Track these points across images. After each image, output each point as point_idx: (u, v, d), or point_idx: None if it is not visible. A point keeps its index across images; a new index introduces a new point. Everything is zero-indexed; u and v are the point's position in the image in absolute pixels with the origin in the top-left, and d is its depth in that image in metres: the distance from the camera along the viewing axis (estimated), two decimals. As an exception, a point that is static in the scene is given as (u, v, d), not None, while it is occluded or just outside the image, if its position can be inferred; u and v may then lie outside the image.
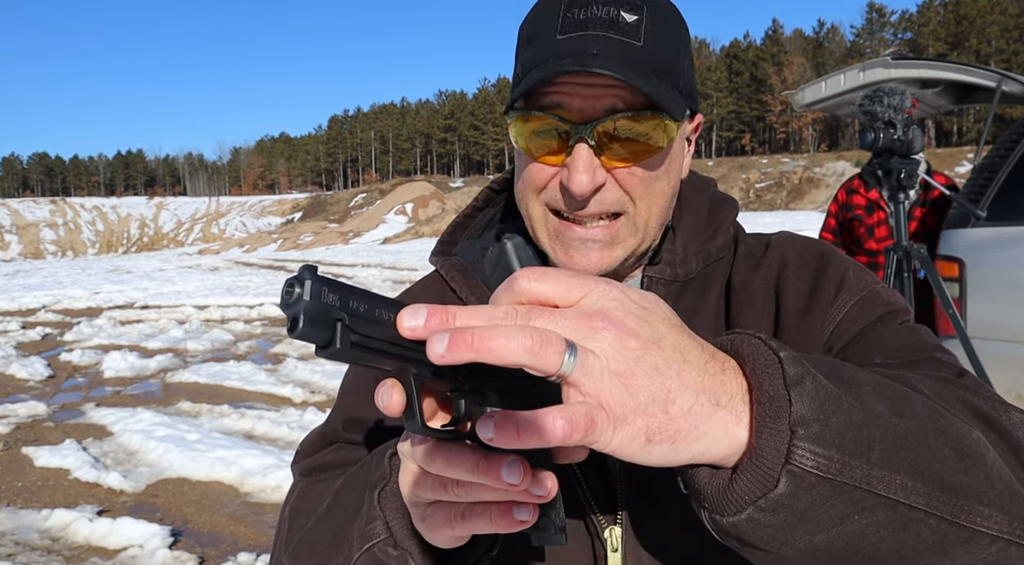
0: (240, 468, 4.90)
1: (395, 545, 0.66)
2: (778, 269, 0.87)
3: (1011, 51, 78.43)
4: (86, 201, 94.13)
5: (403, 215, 56.79)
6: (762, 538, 0.52)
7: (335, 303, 0.48)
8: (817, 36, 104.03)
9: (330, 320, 0.48)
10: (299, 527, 0.81)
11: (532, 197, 0.82)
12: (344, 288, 0.49)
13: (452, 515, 0.58)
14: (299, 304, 0.46)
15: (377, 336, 0.50)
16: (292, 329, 0.47)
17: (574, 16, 0.76)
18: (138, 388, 7.62)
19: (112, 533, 4.03)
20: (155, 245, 72.76)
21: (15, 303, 14.75)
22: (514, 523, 0.54)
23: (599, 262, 0.80)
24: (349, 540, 0.69)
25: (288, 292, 0.47)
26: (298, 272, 0.48)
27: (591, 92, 0.75)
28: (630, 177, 0.78)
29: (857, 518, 0.51)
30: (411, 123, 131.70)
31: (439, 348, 0.45)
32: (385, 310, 0.51)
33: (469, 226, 0.98)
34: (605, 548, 0.77)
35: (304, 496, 0.84)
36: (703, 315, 0.85)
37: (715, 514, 0.53)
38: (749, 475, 0.51)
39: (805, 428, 0.50)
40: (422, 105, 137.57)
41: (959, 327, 3.33)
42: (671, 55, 0.77)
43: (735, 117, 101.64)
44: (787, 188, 54.21)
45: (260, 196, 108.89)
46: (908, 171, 3.26)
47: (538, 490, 0.53)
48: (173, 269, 24.08)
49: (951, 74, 4.95)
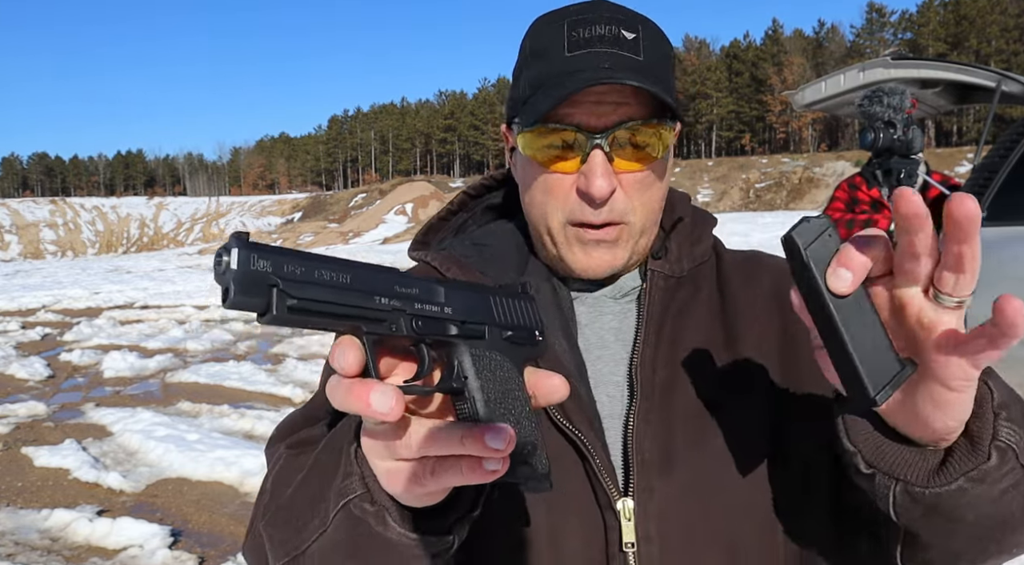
0: (240, 468, 4.90)
1: (372, 501, 0.64)
2: (776, 283, 0.94)
3: (1011, 51, 78.43)
4: (86, 201, 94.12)
5: (403, 215, 56.82)
6: (959, 506, 0.63)
7: (266, 269, 0.47)
8: (817, 36, 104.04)
9: (264, 286, 0.47)
10: (279, 495, 0.79)
11: (554, 210, 0.86)
12: (277, 251, 0.48)
13: (422, 471, 0.57)
14: (228, 273, 0.46)
15: (319, 297, 0.49)
16: (224, 299, 0.46)
17: (580, 35, 0.82)
18: (138, 388, 7.63)
19: (112, 533, 4.03)
20: (155, 245, 72.75)
21: (15, 303, 14.76)
22: (486, 474, 0.54)
23: (612, 261, 0.87)
24: (326, 499, 0.68)
25: (217, 262, 0.47)
26: (228, 241, 0.47)
27: (603, 103, 0.81)
28: (635, 183, 0.84)
29: (1019, 486, 0.64)
30: (411, 123, 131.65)
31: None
32: (326, 270, 0.50)
33: (442, 228, 1.01)
34: (618, 519, 0.80)
35: (287, 466, 0.83)
36: (698, 309, 0.92)
37: (919, 486, 0.63)
38: (963, 450, 0.63)
39: (1006, 411, 0.63)
40: (422, 105, 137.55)
41: (959, 327, 3.33)
42: (665, 69, 0.85)
43: (735, 117, 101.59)
44: (787, 188, 54.23)
45: (260, 196, 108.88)
46: (908, 171, 3.27)
47: (496, 443, 0.52)
48: (173, 269, 24.09)
49: (951, 74, 4.95)
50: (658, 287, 0.90)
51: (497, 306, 0.64)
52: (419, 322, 0.56)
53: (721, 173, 60.14)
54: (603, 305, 0.93)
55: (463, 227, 1.02)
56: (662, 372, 0.86)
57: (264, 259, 0.47)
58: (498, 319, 0.63)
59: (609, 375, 0.89)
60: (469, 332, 0.60)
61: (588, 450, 0.81)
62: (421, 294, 0.57)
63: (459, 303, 0.60)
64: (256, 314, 0.47)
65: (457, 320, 0.59)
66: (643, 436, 0.82)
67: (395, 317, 0.54)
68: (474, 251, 0.95)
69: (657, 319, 0.88)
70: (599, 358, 0.90)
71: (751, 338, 0.89)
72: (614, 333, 0.91)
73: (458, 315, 0.59)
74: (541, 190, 0.86)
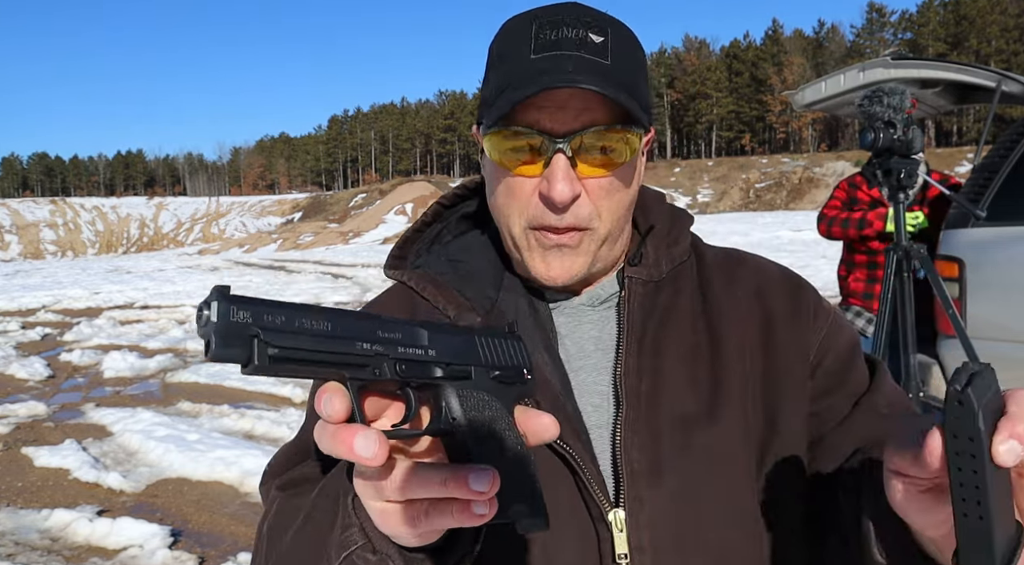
0: (240, 468, 4.90)
1: (373, 550, 0.64)
2: (757, 281, 0.95)
3: (1011, 51, 78.39)
4: (86, 201, 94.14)
5: (403, 215, 56.82)
6: None
7: (246, 320, 0.48)
8: (817, 36, 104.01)
9: (244, 337, 0.47)
10: (275, 543, 0.79)
11: (515, 215, 0.85)
12: (258, 303, 0.49)
13: (414, 513, 0.57)
14: (208, 326, 0.46)
15: (300, 346, 0.50)
16: (207, 351, 0.47)
17: (546, 37, 0.80)
18: (138, 388, 7.62)
19: (112, 533, 4.03)
20: (155, 245, 72.74)
21: (15, 303, 14.75)
22: (475, 517, 0.54)
23: (571, 267, 0.85)
24: (327, 551, 0.68)
25: (199, 317, 0.47)
26: (208, 295, 0.47)
27: (567, 108, 0.79)
28: (599, 189, 0.83)
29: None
30: (411, 123, 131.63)
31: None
32: (307, 319, 0.51)
33: (417, 240, 1.00)
34: (610, 530, 0.80)
35: (282, 511, 0.82)
36: (679, 313, 0.91)
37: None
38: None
39: None
40: (422, 105, 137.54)
41: (959, 327, 3.32)
42: (633, 73, 0.83)
43: (735, 117, 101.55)
44: (787, 188, 54.22)
45: (260, 196, 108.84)
46: (908, 171, 3.26)
47: (479, 486, 0.53)
48: (173, 269, 24.09)
49: (951, 74, 4.94)
50: (637, 294, 0.90)
51: (483, 346, 0.64)
52: (403, 366, 0.56)
53: (721, 173, 60.15)
54: (582, 314, 0.92)
55: (438, 238, 1.01)
56: (647, 380, 0.85)
57: (244, 310, 0.48)
58: (484, 359, 0.63)
59: (592, 385, 0.88)
60: (455, 373, 0.60)
61: (577, 463, 0.81)
62: (404, 338, 0.57)
63: (443, 345, 0.60)
64: (240, 365, 0.48)
65: (442, 362, 0.59)
66: (631, 446, 0.82)
67: (378, 362, 0.55)
68: (449, 268, 0.94)
69: (638, 327, 0.88)
70: (581, 368, 0.89)
71: (734, 340, 0.89)
72: (594, 342, 0.90)
73: (443, 357, 0.59)
74: (504, 193, 0.85)
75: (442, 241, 1.01)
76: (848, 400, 0.90)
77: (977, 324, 3.79)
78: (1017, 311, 3.71)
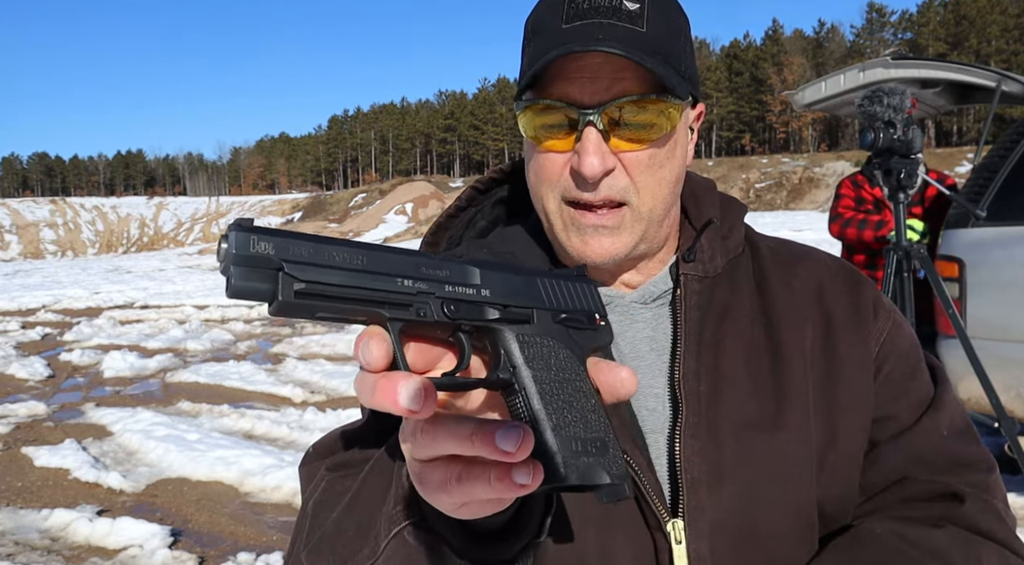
0: (240, 468, 4.90)
1: (427, 528, 0.58)
2: (816, 280, 0.91)
3: (1011, 51, 78.36)
4: (86, 201, 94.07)
5: (403, 215, 56.77)
6: None
7: (268, 251, 0.43)
8: (817, 36, 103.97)
9: (267, 269, 0.43)
10: (322, 521, 0.75)
11: (547, 190, 0.82)
12: (282, 234, 0.44)
13: (448, 477, 0.49)
14: (227, 259, 0.42)
15: (331, 281, 0.44)
16: (227, 288, 0.42)
17: (578, 6, 0.77)
18: (138, 388, 7.62)
19: (112, 533, 4.03)
20: (155, 245, 72.71)
21: (15, 303, 14.75)
22: (515, 487, 0.46)
23: (611, 247, 0.81)
24: (376, 526, 0.62)
25: (218, 251, 0.43)
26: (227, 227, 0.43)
27: (599, 78, 0.76)
28: (637, 163, 0.79)
29: None
30: (411, 123, 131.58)
31: None
32: (338, 252, 0.45)
33: (452, 226, 0.96)
34: (669, 541, 0.77)
35: (330, 489, 0.78)
36: (739, 310, 0.87)
37: None
38: None
39: None
40: (422, 105, 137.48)
41: (959, 327, 3.32)
42: (673, 41, 0.79)
43: (735, 117, 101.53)
44: (787, 188, 54.19)
45: (260, 196, 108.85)
46: (908, 171, 3.26)
47: (506, 444, 0.45)
48: (173, 269, 24.09)
49: (951, 74, 4.94)
50: (693, 291, 0.85)
51: (545, 288, 0.56)
52: (452, 306, 0.49)
53: (721, 173, 60.09)
54: (634, 312, 0.87)
55: (472, 223, 0.97)
56: (706, 382, 0.81)
57: (265, 241, 0.43)
58: (548, 301, 0.56)
59: (647, 387, 0.84)
60: (513, 316, 0.52)
61: (634, 470, 0.77)
62: (452, 275, 0.50)
63: (498, 285, 0.53)
64: (266, 305, 0.44)
65: (498, 303, 0.52)
66: (691, 453, 0.78)
67: (423, 301, 0.48)
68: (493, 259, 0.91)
69: (696, 326, 0.84)
70: (635, 369, 0.84)
71: (794, 343, 0.85)
72: (648, 342, 0.86)
73: (498, 298, 0.52)
74: (537, 170, 0.82)
75: (475, 226, 0.97)
76: (911, 412, 0.87)
77: (977, 324, 3.79)
78: (1017, 311, 3.71)
